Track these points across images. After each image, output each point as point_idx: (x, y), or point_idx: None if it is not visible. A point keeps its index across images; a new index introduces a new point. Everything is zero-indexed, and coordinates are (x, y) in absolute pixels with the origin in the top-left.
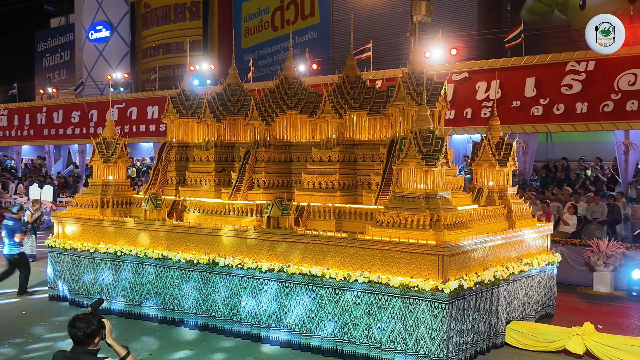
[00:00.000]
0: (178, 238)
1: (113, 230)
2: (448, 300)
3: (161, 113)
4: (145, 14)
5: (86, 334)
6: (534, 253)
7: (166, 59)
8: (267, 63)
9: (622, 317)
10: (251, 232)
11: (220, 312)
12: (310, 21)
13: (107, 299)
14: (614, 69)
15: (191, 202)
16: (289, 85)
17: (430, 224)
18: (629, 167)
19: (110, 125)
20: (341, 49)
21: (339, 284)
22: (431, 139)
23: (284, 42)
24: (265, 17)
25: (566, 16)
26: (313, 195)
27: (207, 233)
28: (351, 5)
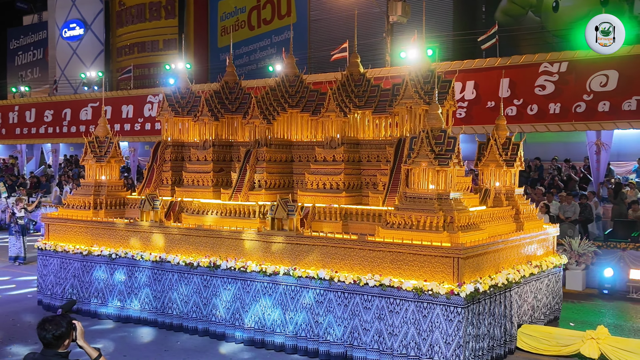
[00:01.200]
0: (176, 240)
1: (107, 232)
2: (464, 304)
3: (136, 112)
4: (120, 12)
5: (55, 337)
6: (541, 255)
7: (141, 58)
8: (244, 62)
9: (594, 315)
10: (255, 233)
11: (221, 316)
12: (287, 20)
13: (102, 302)
14: (586, 70)
15: (190, 203)
16: (289, 83)
17: (443, 225)
18: (601, 167)
19: (103, 123)
20: (317, 48)
21: (348, 287)
22: (443, 138)
23: (260, 41)
24: (242, 16)
25: (540, 18)
26: (317, 195)
27: (208, 235)
28: (327, 5)
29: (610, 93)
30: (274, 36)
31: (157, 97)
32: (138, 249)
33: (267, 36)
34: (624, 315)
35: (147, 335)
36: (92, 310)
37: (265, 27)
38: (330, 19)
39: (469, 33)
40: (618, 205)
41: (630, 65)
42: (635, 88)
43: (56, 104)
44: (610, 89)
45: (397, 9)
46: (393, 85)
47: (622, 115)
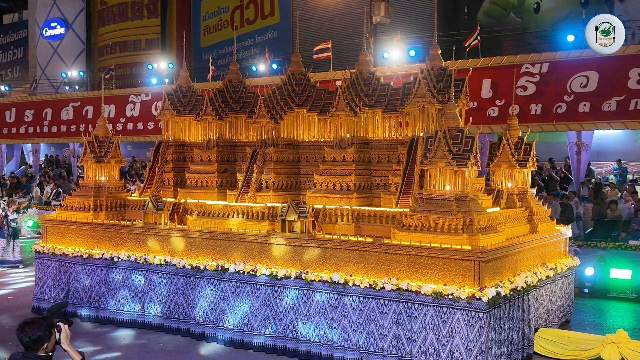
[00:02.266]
0: (182, 243)
1: (109, 235)
2: (486, 309)
3: (118, 112)
4: (102, 11)
5: (32, 340)
6: (554, 257)
7: (123, 57)
8: (227, 62)
9: (576, 314)
10: (264, 236)
11: (229, 321)
12: (270, 20)
13: (103, 307)
14: (566, 71)
15: (195, 204)
16: (296, 82)
17: (462, 227)
18: (581, 167)
19: (102, 123)
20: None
21: (363, 291)
22: (460, 137)
23: (243, 41)
24: (225, 16)
25: (521, 19)
26: (327, 197)
27: (215, 237)
28: (311, 5)
29: (591, 94)
30: (257, 36)
31: (139, 97)
32: (142, 252)
33: (250, 36)
34: (604, 314)
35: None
36: (92, 315)
37: (248, 27)
38: (314, 19)
39: (452, 34)
40: (598, 205)
41: (610, 67)
42: (615, 89)
43: (37, 103)
44: (590, 90)
45: (380, 10)
46: (404, 84)
47: (602, 116)
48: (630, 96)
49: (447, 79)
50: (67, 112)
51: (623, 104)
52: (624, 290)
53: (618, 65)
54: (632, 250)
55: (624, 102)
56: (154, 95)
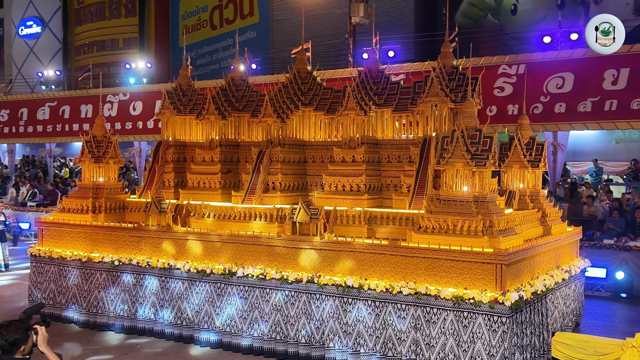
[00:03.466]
0: (186, 246)
1: (109, 238)
2: (509, 313)
3: (95, 112)
4: (79, 10)
5: (9, 342)
6: (567, 259)
7: (100, 57)
8: (206, 62)
9: None
10: (274, 238)
11: (236, 326)
12: (250, 20)
13: (103, 312)
14: (543, 72)
15: (199, 206)
16: (302, 80)
17: (483, 230)
18: (557, 167)
19: (100, 122)
20: (280, 49)
21: (379, 295)
22: (478, 137)
23: (222, 40)
24: (204, 16)
25: (499, 20)
26: (337, 198)
27: (221, 240)
28: (290, 5)
29: (566, 95)
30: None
31: (117, 96)
32: (144, 256)
33: (229, 36)
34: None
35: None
36: (90, 321)
37: (227, 26)
38: (293, 19)
39: (430, 35)
40: (574, 204)
41: (585, 68)
42: (590, 90)
43: (12, 103)
44: (566, 91)
45: (360, 11)
46: (414, 82)
47: (578, 116)
48: (605, 97)
49: (460, 78)
50: (43, 111)
51: (598, 104)
52: (599, 288)
53: (593, 67)
54: (606, 249)
55: (599, 103)
56: (132, 95)
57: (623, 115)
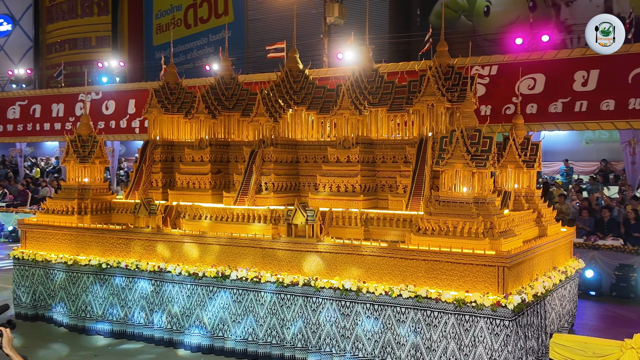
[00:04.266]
0: (176, 248)
1: (96, 240)
2: (511, 316)
3: (67, 111)
4: (50, 8)
5: None
6: (563, 260)
7: (72, 55)
8: (180, 61)
9: None
10: (269, 241)
11: (230, 331)
12: (224, 20)
13: (91, 316)
14: (515, 73)
15: (189, 207)
16: (294, 79)
17: (484, 231)
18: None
19: (86, 121)
20: (255, 48)
21: (378, 298)
22: (478, 137)
23: (197, 40)
24: (178, 14)
25: (472, 22)
26: (332, 199)
27: (213, 242)
28: (265, 5)
29: (538, 96)
30: (210, 35)
31: (89, 95)
32: (133, 258)
33: (204, 35)
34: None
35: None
36: (79, 326)
37: (202, 25)
38: (268, 18)
39: (404, 35)
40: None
41: (556, 69)
42: (561, 91)
43: None
44: (537, 92)
45: (334, 11)
46: (409, 81)
47: (549, 117)
48: (576, 98)
49: (456, 77)
50: (13, 110)
51: (568, 105)
52: None
53: (564, 68)
54: (576, 247)
55: (570, 104)
56: (104, 94)
57: (593, 116)
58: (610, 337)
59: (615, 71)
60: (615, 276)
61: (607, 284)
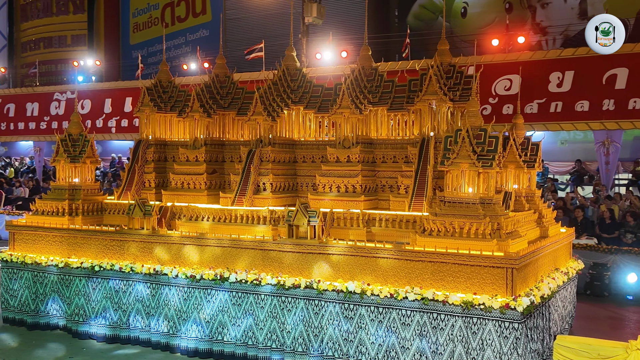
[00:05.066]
0: (173, 250)
1: (88, 242)
2: (520, 319)
3: (42, 110)
4: (25, 6)
5: None
6: (564, 261)
7: (47, 54)
8: (158, 60)
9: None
10: (270, 242)
11: (231, 335)
12: (202, 19)
13: (84, 320)
14: (491, 74)
15: (185, 208)
16: (291, 77)
17: (491, 233)
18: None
19: (76, 119)
20: (234, 48)
21: (382, 301)
22: (483, 137)
23: (174, 39)
24: (155, 13)
25: (449, 23)
26: (331, 199)
27: (211, 244)
28: (243, 4)
29: (514, 97)
30: (188, 34)
31: (65, 94)
32: (127, 261)
33: (181, 34)
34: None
35: None
36: (73, 329)
37: (179, 24)
38: (247, 18)
39: (382, 36)
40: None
41: (532, 71)
42: (536, 92)
43: None
44: (513, 92)
45: (313, 11)
46: (409, 80)
47: (525, 117)
48: (551, 99)
49: (457, 76)
50: None
51: (544, 106)
52: None
53: (539, 69)
54: None
55: (545, 105)
56: (80, 93)
57: (567, 117)
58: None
59: (590, 73)
60: (589, 275)
61: (581, 282)
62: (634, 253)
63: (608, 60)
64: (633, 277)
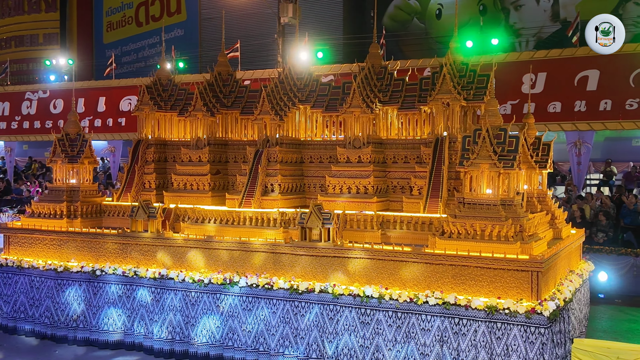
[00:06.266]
0: (179, 253)
1: (88, 245)
2: (547, 324)
3: (13, 110)
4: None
5: None
6: (576, 263)
7: (19, 52)
8: (132, 60)
9: None
10: (282, 245)
11: (240, 341)
12: (177, 18)
13: (84, 327)
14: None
15: (191, 210)
16: (297, 76)
17: (514, 235)
18: None
19: (74, 118)
20: (209, 47)
21: (401, 306)
22: (503, 137)
23: (149, 38)
24: (129, 12)
25: (424, 24)
26: (343, 201)
27: (220, 247)
28: (219, 4)
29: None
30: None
31: (36, 94)
32: (130, 264)
33: (156, 33)
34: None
35: None
36: (71, 337)
37: (154, 23)
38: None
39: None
40: None
41: (505, 72)
42: (509, 93)
43: None
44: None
45: (288, 11)
46: (420, 79)
47: None
48: (524, 100)
49: (470, 75)
50: None
51: (517, 107)
52: None
53: (512, 71)
54: None
55: (518, 106)
56: (52, 92)
57: (540, 118)
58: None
59: (562, 74)
60: None
61: None
62: (605, 252)
63: (580, 62)
64: (604, 275)
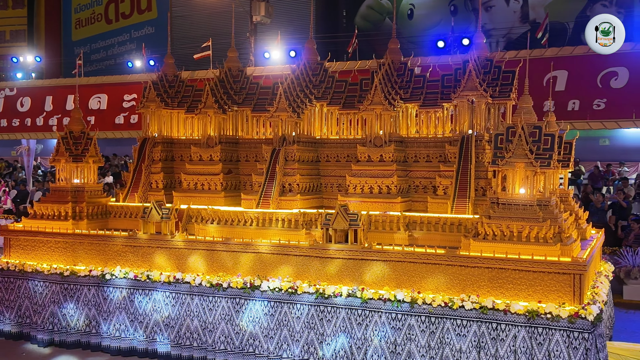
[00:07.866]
0: (195, 256)
1: (96, 248)
2: (590, 328)
3: None
4: None
5: None
6: (598, 264)
7: None
8: (101, 57)
9: None
10: (306, 248)
11: (260, 347)
12: (147, 16)
13: (96, 332)
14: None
15: (205, 211)
16: (313, 72)
17: (553, 237)
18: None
19: (77, 115)
20: (180, 45)
21: (435, 310)
22: (538, 135)
23: (118, 35)
24: (98, 9)
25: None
26: (365, 201)
27: (239, 250)
28: (190, 2)
29: None
30: (133, 31)
31: (3, 92)
32: (142, 268)
33: (126, 31)
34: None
35: None
36: (82, 342)
37: (124, 21)
38: (193, 16)
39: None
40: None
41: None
42: None
43: None
44: None
45: (260, 10)
46: (442, 75)
47: None
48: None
49: (495, 71)
50: None
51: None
52: None
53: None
54: None
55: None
56: (19, 90)
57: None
58: None
59: (530, 75)
60: None
61: None
62: None
63: (548, 62)
64: None
